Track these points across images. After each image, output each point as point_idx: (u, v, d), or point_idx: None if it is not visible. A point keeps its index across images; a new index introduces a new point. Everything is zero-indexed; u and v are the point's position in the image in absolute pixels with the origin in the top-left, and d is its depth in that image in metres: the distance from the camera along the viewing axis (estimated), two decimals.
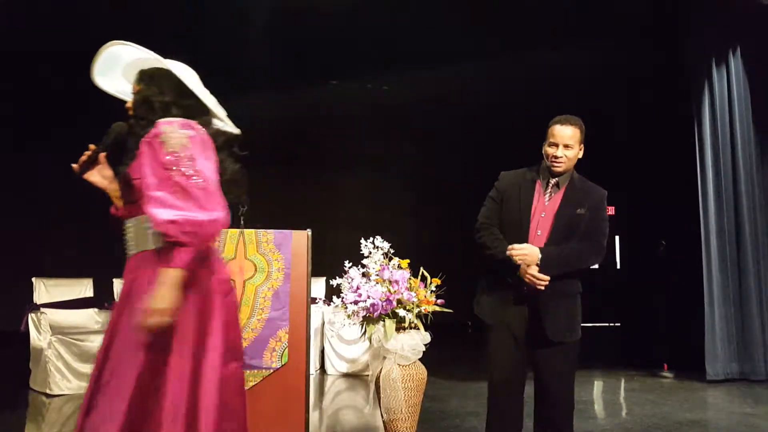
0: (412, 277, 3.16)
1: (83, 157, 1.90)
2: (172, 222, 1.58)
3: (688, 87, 5.81)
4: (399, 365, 3.15)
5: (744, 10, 5.53)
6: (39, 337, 4.74)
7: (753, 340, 5.35)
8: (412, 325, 3.12)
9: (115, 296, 5.31)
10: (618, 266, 10.56)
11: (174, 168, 1.64)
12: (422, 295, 3.15)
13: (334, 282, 3.13)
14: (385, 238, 3.19)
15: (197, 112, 1.86)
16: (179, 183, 1.63)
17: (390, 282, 3.05)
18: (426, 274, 3.22)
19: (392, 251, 3.16)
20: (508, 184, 2.51)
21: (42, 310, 4.85)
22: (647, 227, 7.20)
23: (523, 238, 2.39)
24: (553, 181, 2.45)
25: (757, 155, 5.65)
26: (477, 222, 2.53)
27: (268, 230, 2.83)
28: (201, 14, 5.38)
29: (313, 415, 4.14)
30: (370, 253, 3.11)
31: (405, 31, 5.91)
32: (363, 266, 3.10)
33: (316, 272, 2.90)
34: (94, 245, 7.25)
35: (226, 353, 1.71)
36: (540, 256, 2.33)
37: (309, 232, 2.86)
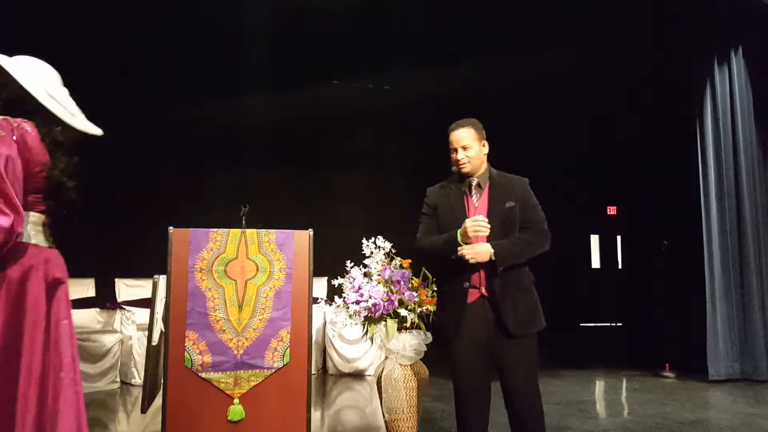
0: (413, 277, 3.15)
1: None
2: None
3: (689, 87, 5.81)
4: (401, 365, 3.14)
5: (745, 10, 5.52)
6: None
7: (755, 340, 5.34)
8: (414, 325, 3.12)
9: (117, 296, 5.32)
10: (620, 266, 10.57)
11: None
12: (424, 295, 3.14)
13: (335, 282, 3.13)
14: (386, 237, 3.18)
15: (38, 113, 1.91)
16: None
17: (391, 282, 3.04)
18: (428, 273, 3.22)
19: (394, 251, 3.15)
20: (436, 197, 2.62)
21: None
22: (649, 227, 7.19)
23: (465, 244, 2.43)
24: (474, 182, 2.54)
25: (759, 155, 5.64)
26: (416, 240, 2.62)
27: (270, 230, 2.82)
28: (201, 12, 5.37)
29: (315, 415, 4.13)
30: (372, 252, 3.11)
31: (406, 29, 5.90)
32: (365, 266, 3.10)
33: (317, 272, 2.89)
34: (94, 245, 7.25)
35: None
36: (492, 251, 2.39)
37: (311, 232, 2.85)
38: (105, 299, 5.28)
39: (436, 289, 3.18)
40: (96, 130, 2.07)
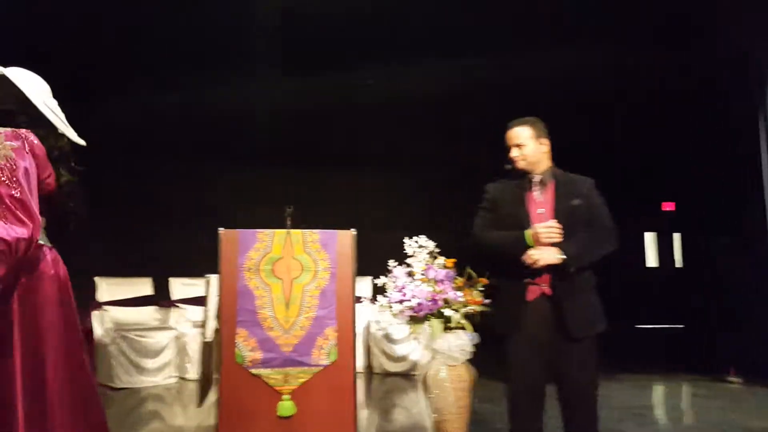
0: (458, 277, 3.12)
1: None
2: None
3: (748, 77, 5.50)
4: (447, 365, 3.12)
5: None
6: (103, 334, 4.99)
7: None
8: (459, 325, 3.09)
9: (172, 295, 5.54)
10: (679, 264, 10.12)
11: None
12: (469, 294, 3.11)
13: (379, 281, 3.14)
14: (429, 237, 3.17)
15: (39, 123, 2.00)
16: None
17: (435, 281, 3.02)
18: (472, 273, 3.18)
19: (437, 250, 3.14)
20: (496, 192, 2.60)
21: (105, 307, 5.10)
22: (709, 223, 6.85)
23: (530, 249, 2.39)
24: (537, 178, 2.51)
25: None
26: (473, 234, 2.58)
27: (314, 230, 2.87)
28: (219, 13, 5.46)
29: (362, 413, 4.16)
30: (415, 252, 3.10)
31: (438, 23, 5.85)
32: (408, 265, 3.09)
33: (361, 271, 2.91)
34: (152, 245, 7.58)
35: None
36: (561, 256, 2.33)
37: (353, 231, 2.88)
38: (161, 297, 5.50)
39: (483, 288, 3.14)
40: (81, 141, 2.18)
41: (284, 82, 6.60)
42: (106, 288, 5.29)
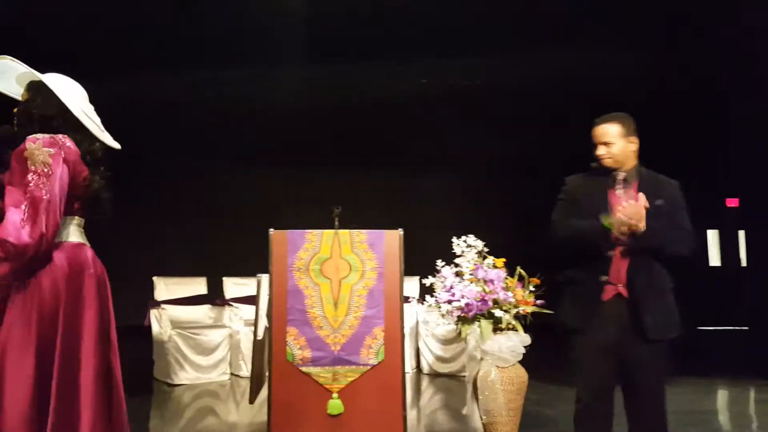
0: (508, 277, 3.06)
1: None
2: (3, 241, 1.85)
3: None
4: (497, 367, 3.07)
5: None
6: (160, 331, 5.18)
7: None
8: (510, 326, 3.03)
9: (226, 293, 5.69)
10: (744, 264, 9.59)
11: (31, 184, 1.90)
12: (520, 295, 3.04)
13: (427, 281, 3.12)
14: (478, 236, 3.12)
15: (75, 128, 2.06)
16: (31, 196, 1.89)
17: (485, 281, 2.98)
18: (523, 273, 3.11)
19: (486, 250, 3.09)
20: (576, 186, 2.54)
21: (162, 306, 5.30)
22: None
23: (607, 234, 2.34)
24: (620, 176, 2.44)
25: None
26: (552, 223, 2.52)
27: (361, 230, 2.88)
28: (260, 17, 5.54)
29: (411, 414, 4.15)
30: (463, 252, 3.06)
31: (491, 22, 5.76)
32: (456, 265, 3.06)
33: (408, 271, 2.90)
34: (206, 246, 7.82)
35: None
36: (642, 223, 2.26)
37: (401, 231, 2.87)
38: (215, 296, 5.66)
39: (533, 288, 3.07)
40: (116, 145, 2.25)
41: (331, 82, 6.65)
42: (164, 287, 5.48)
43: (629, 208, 2.25)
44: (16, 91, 2.20)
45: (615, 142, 2.43)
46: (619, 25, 5.70)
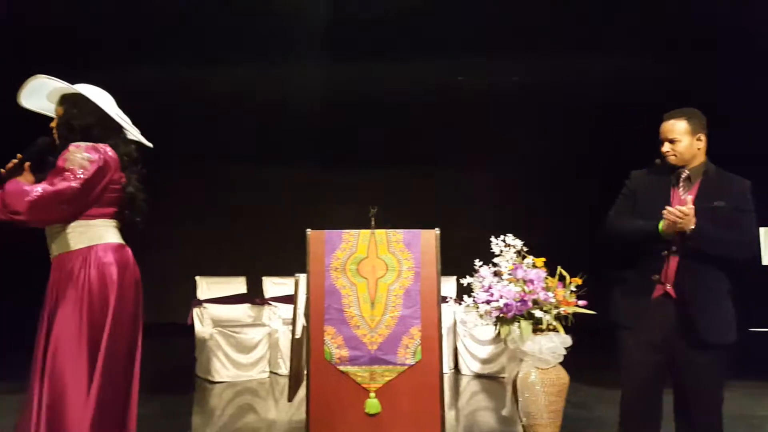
0: (548, 277, 3.00)
1: (10, 165, 2.21)
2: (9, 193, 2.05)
3: None
4: (537, 368, 3.01)
5: None
6: (202, 329, 5.31)
7: None
8: (551, 327, 2.97)
9: (265, 293, 5.78)
10: None
11: (65, 179, 2.06)
12: (561, 295, 2.98)
13: (464, 281, 3.09)
14: (516, 236, 3.07)
15: (111, 133, 2.21)
16: (59, 176, 2.05)
17: (524, 281, 2.92)
18: (564, 273, 3.04)
19: (525, 249, 3.03)
20: (639, 181, 2.49)
21: (204, 305, 5.42)
22: None
23: (659, 234, 2.29)
24: (684, 174, 2.37)
25: None
26: (607, 217, 2.49)
27: (397, 230, 2.87)
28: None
29: (449, 414, 4.12)
30: (502, 251, 3.01)
31: (537, 20, 5.67)
32: (494, 265, 3.01)
33: (446, 271, 2.88)
34: (245, 246, 7.97)
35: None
36: (695, 222, 2.22)
37: (437, 231, 2.85)
38: (254, 295, 5.75)
39: (575, 288, 3.00)
40: (149, 144, 2.39)
41: (368, 80, 6.66)
42: (206, 286, 5.61)
43: (674, 210, 2.21)
44: (48, 108, 2.34)
45: (681, 139, 2.35)
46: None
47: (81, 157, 2.09)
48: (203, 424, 4.07)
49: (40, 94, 2.32)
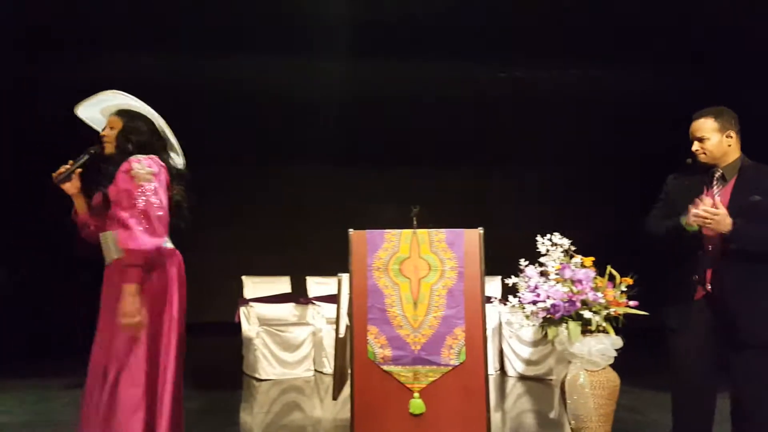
0: (598, 276, 2.91)
1: (62, 170, 2.35)
2: (130, 251, 2.15)
3: None
4: (586, 371, 2.93)
5: None
6: (249, 328, 5.42)
7: None
8: (600, 328, 2.88)
9: (309, 292, 5.85)
10: None
11: (141, 198, 2.19)
12: (611, 295, 2.88)
13: (509, 281, 3.03)
14: (564, 234, 2.99)
15: (162, 150, 2.40)
16: (144, 210, 2.19)
17: (572, 281, 2.84)
18: (614, 272, 2.95)
19: (573, 248, 2.95)
20: (674, 185, 2.48)
21: (251, 304, 5.54)
22: None
23: (698, 234, 2.25)
24: (717, 173, 2.33)
25: None
26: (645, 219, 2.51)
27: (440, 229, 2.84)
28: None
29: (495, 416, 4.06)
30: (548, 250, 2.94)
31: (596, 17, 5.53)
32: (540, 264, 2.95)
33: (490, 271, 2.83)
34: (290, 246, 8.10)
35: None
36: (730, 223, 2.16)
37: (481, 230, 2.81)
38: (299, 295, 5.83)
39: (625, 288, 2.90)
40: (181, 162, 2.56)
41: (410, 79, 6.63)
42: (252, 286, 5.73)
43: (700, 211, 2.17)
44: (95, 119, 2.50)
45: (709, 137, 2.32)
46: None
47: (145, 172, 2.25)
48: (250, 421, 4.15)
49: (97, 108, 2.47)
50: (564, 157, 7.62)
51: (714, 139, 2.33)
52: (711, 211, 2.15)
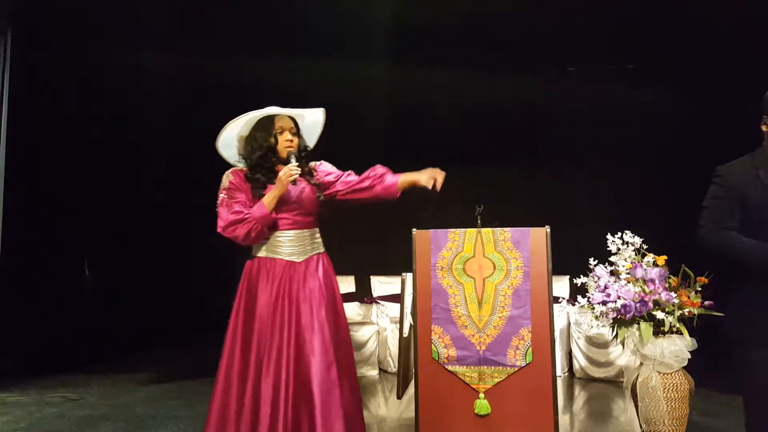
0: (671, 276, 2.81)
1: (297, 170, 2.66)
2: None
3: None
4: (659, 373, 2.83)
5: None
6: None
7: None
8: (674, 329, 2.78)
9: (373, 292, 5.93)
10: None
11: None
12: (685, 296, 2.77)
13: (578, 281, 2.97)
14: (635, 232, 2.90)
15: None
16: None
17: (644, 281, 2.76)
18: (689, 272, 2.83)
19: (645, 247, 2.86)
20: (739, 177, 2.06)
21: None
22: None
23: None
24: None
25: None
26: (700, 229, 2.11)
27: (505, 228, 2.82)
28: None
29: (563, 419, 3.98)
30: (619, 249, 2.86)
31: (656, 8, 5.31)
32: (611, 264, 2.87)
33: (557, 270, 2.78)
34: (353, 247, 8.22)
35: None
36: None
37: (547, 228, 2.77)
38: (363, 294, 5.92)
39: (700, 288, 2.78)
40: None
41: (473, 79, 6.58)
42: None
43: None
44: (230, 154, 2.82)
45: None
46: None
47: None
48: None
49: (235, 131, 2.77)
50: (637, 155, 7.32)
51: None
52: None
